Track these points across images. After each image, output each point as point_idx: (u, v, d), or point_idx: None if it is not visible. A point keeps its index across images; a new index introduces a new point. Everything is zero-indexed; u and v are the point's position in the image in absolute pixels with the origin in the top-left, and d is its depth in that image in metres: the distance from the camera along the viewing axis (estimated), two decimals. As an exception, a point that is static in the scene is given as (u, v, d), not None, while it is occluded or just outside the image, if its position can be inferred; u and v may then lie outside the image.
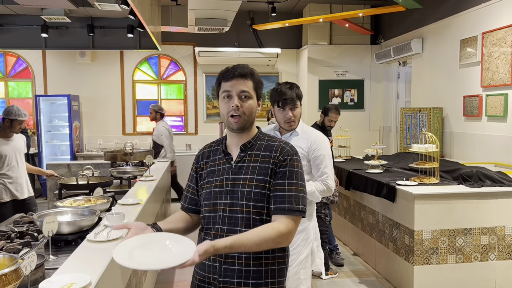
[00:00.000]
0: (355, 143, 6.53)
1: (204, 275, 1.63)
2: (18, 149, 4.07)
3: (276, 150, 1.64)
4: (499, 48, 4.94)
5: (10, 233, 2.31)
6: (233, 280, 1.57)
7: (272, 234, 1.48)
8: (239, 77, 1.61)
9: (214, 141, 1.78)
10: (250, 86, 1.63)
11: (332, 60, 8.30)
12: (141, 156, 5.18)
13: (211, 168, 1.69)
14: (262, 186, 1.59)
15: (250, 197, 1.58)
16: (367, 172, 4.65)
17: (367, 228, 4.57)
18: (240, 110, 1.60)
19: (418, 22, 6.80)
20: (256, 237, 1.47)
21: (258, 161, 1.63)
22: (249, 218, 1.58)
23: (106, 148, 7.92)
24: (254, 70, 1.68)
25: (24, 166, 4.16)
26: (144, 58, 8.87)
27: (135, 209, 2.84)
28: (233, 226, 1.57)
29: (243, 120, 1.61)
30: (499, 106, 4.94)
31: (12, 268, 1.34)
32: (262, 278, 1.58)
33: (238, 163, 1.65)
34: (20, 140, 4.14)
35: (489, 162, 5.01)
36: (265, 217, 1.59)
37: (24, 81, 8.70)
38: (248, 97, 1.62)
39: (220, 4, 6.25)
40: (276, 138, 1.74)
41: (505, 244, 3.70)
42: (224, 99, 1.63)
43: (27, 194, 4.12)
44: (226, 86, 1.62)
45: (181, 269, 1.31)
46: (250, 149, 1.66)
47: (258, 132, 1.71)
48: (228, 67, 1.66)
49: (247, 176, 1.61)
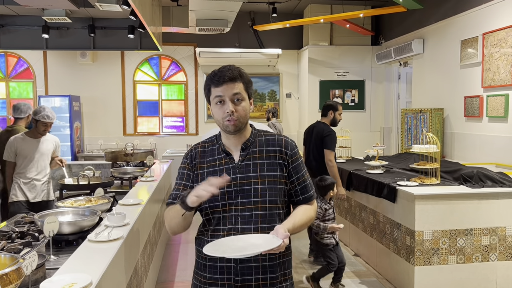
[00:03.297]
0: (356, 143, 6.52)
1: (216, 277, 1.62)
2: (43, 152, 3.99)
3: (279, 145, 1.70)
4: (500, 48, 4.93)
5: (11, 233, 2.31)
6: (250, 277, 1.60)
7: (313, 213, 1.72)
8: (229, 81, 1.61)
9: (204, 141, 1.76)
10: (241, 87, 1.63)
11: (333, 61, 8.31)
12: (141, 157, 5.18)
13: (212, 168, 1.67)
14: (274, 181, 1.64)
15: (265, 193, 1.62)
16: (367, 172, 4.65)
17: (368, 229, 4.56)
18: (235, 114, 1.60)
19: (418, 23, 6.80)
20: (304, 217, 1.65)
21: (264, 157, 1.67)
22: (264, 214, 1.61)
23: (107, 148, 7.94)
24: (242, 70, 1.67)
25: (47, 169, 4.07)
26: (145, 59, 8.89)
27: (136, 209, 2.84)
28: (247, 224, 1.59)
29: (239, 123, 1.62)
30: (500, 107, 4.94)
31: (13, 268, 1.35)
32: (277, 271, 1.64)
33: (243, 162, 1.65)
34: (49, 142, 4.06)
35: (490, 162, 5.01)
36: (278, 211, 1.65)
37: (25, 82, 8.72)
38: (241, 99, 1.63)
39: (221, 5, 6.25)
40: (271, 132, 1.78)
41: (506, 244, 3.69)
42: (217, 104, 1.62)
43: (41, 198, 4.01)
44: (218, 91, 1.62)
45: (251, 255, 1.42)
46: (251, 147, 1.68)
47: (253, 129, 1.73)
48: (215, 71, 1.64)
49: (256, 173, 1.63)
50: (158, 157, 7.97)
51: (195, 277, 1.71)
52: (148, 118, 9.04)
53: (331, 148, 4.45)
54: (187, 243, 5.36)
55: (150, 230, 3.50)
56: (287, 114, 9.19)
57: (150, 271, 3.50)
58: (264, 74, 8.94)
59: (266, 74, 8.97)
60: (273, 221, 1.62)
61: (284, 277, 1.68)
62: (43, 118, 3.85)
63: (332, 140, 4.48)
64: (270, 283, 1.62)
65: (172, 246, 5.30)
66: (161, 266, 4.57)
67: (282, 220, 1.66)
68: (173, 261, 4.77)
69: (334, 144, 4.50)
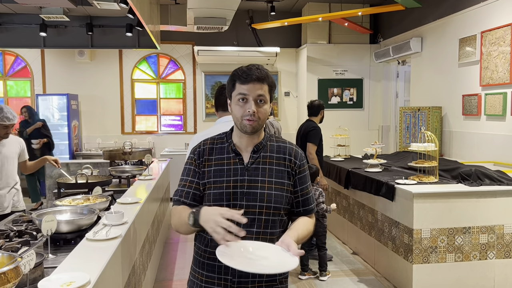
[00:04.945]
0: (354, 142, 6.53)
1: (213, 276, 1.62)
2: (6, 156, 3.42)
3: (290, 153, 1.70)
4: (498, 47, 4.94)
5: (9, 232, 2.30)
6: (247, 280, 1.59)
7: (312, 227, 1.72)
8: (257, 81, 1.58)
9: (214, 137, 1.73)
10: (266, 90, 1.61)
11: (331, 59, 8.31)
12: (140, 155, 5.18)
13: (219, 167, 1.65)
14: (280, 189, 1.64)
15: (271, 199, 1.61)
16: (366, 171, 4.65)
17: (366, 227, 4.57)
18: (256, 115, 1.58)
19: (417, 21, 6.81)
20: (306, 230, 1.66)
21: (274, 163, 1.66)
22: (268, 220, 1.61)
23: (105, 147, 7.92)
24: (269, 72, 1.65)
25: (14, 176, 3.50)
26: (143, 57, 8.87)
27: (134, 208, 2.84)
28: (249, 227, 1.56)
29: (258, 124, 1.60)
30: (498, 105, 4.95)
31: (11, 267, 1.34)
32: (275, 274, 1.63)
33: (252, 164, 1.64)
34: (13, 144, 3.51)
35: (488, 161, 5.02)
36: (280, 217, 1.65)
37: (23, 80, 8.69)
38: (264, 102, 1.61)
39: (219, 3, 6.25)
40: (282, 138, 1.77)
41: (504, 242, 3.70)
42: (239, 101, 1.60)
43: (9, 209, 3.40)
44: (243, 89, 1.59)
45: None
46: (262, 150, 1.67)
47: (266, 133, 1.72)
48: (243, 68, 1.62)
49: (264, 178, 1.63)
50: (157, 155, 7.96)
51: (192, 274, 1.71)
52: (146, 116, 9.03)
53: (314, 142, 4.67)
54: (186, 241, 5.36)
55: (149, 229, 3.49)
56: (286, 112, 9.19)
57: (149, 270, 3.50)
58: (262, 72, 8.93)
59: (264, 73, 8.96)
60: (274, 227, 1.62)
61: (280, 280, 1.67)
62: (3, 120, 3.27)
63: (316, 135, 4.71)
64: (265, 285, 1.62)
65: (171, 244, 5.30)
66: (160, 264, 4.57)
67: (282, 227, 1.66)
68: (172, 259, 4.77)
69: (317, 139, 4.71)
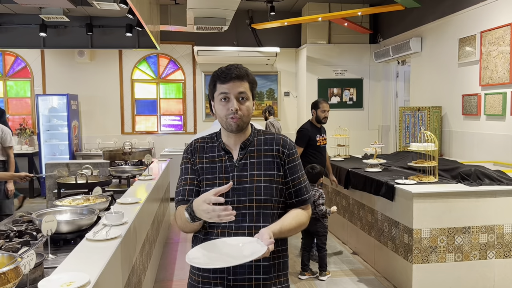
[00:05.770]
0: (354, 142, 6.53)
1: (209, 276, 1.62)
2: None
3: (277, 143, 1.69)
4: (497, 47, 4.94)
5: (9, 232, 2.31)
6: (243, 277, 1.59)
7: (304, 219, 1.68)
8: (236, 79, 1.62)
9: (204, 137, 1.77)
10: (246, 87, 1.65)
11: (331, 59, 8.31)
12: (140, 155, 5.18)
13: (210, 164, 1.68)
14: (270, 180, 1.64)
15: (260, 191, 1.61)
16: (366, 171, 4.65)
17: (366, 227, 4.57)
18: (239, 112, 1.61)
19: (417, 21, 6.81)
20: (294, 222, 1.63)
21: (261, 156, 1.67)
22: (259, 213, 1.61)
23: (105, 147, 7.91)
24: (248, 70, 1.69)
25: None
26: (143, 57, 8.87)
27: (134, 208, 2.84)
28: (241, 223, 1.59)
29: (242, 122, 1.63)
30: (498, 105, 4.95)
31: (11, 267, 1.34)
32: (271, 272, 1.63)
33: (241, 160, 1.66)
34: None
35: (488, 161, 5.02)
36: (273, 211, 1.64)
37: (23, 81, 8.69)
38: (246, 99, 1.64)
39: (219, 3, 6.25)
40: (270, 131, 1.79)
41: (504, 242, 3.70)
42: (222, 101, 1.63)
43: None
44: (223, 88, 1.62)
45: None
46: (249, 146, 1.69)
47: (253, 129, 1.74)
48: (222, 68, 1.66)
49: (253, 172, 1.64)
50: (156, 155, 7.96)
51: (190, 276, 1.72)
52: (146, 116, 9.03)
53: (298, 144, 4.65)
54: (186, 241, 5.36)
55: (149, 229, 3.49)
56: (286, 112, 9.19)
57: (149, 270, 3.50)
58: (262, 72, 8.94)
59: (264, 73, 8.96)
60: (266, 221, 1.61)
61: (279, 279, 1.66)
62: None
63: (301, 137, 4.70)
64: (263, 284, 1.61)
65: (171, 244, 5.30)
66: (160, 264, 4.57)
67: (277, 220, 1.66)
68: (172, 259, 4.77)
69: (302, 140, 4.67)
